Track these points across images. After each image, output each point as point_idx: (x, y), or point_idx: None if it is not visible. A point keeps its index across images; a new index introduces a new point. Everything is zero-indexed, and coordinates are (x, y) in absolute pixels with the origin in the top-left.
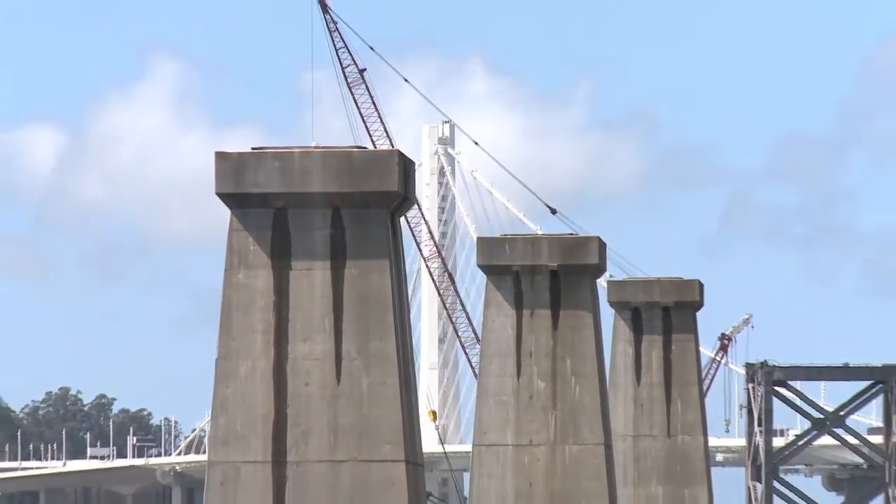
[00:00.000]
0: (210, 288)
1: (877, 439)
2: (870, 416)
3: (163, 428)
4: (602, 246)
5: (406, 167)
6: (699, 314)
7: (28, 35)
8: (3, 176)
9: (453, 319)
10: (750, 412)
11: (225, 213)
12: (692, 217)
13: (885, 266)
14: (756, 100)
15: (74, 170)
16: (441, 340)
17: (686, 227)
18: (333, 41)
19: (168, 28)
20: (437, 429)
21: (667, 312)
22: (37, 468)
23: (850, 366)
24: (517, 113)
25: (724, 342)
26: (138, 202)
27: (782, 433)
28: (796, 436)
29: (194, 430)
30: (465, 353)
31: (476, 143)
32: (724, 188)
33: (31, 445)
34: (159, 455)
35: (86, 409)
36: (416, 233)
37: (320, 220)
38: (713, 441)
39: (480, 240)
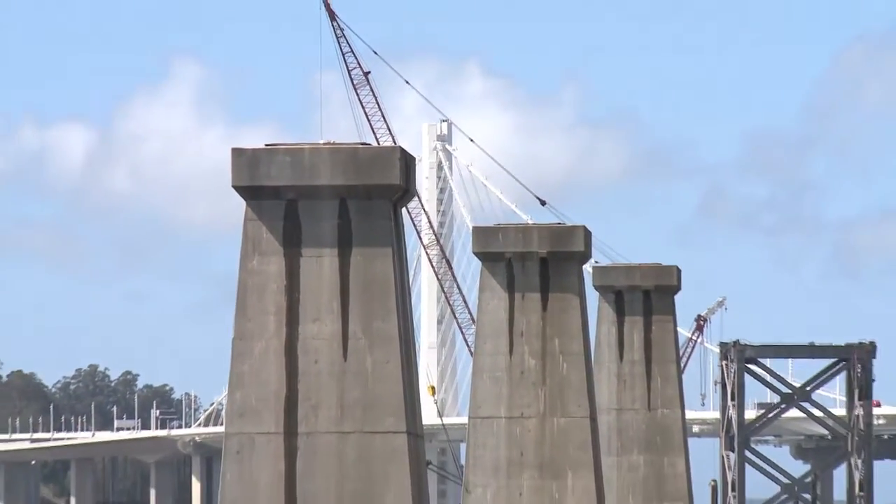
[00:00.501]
0: (227, 273)
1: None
2: (833, 392)
3: (183, 402)
4: (587, 234)
5: (407, 162)
6: (677, 297)
7: (60, 40)
8: (38, 169)
9: (451, 302)
10: (723, 387)
11: (241, 204)
12: (671, 208)
13: (848, 253)
14: (729, 100)
15: (103, 164)
16: (439, 321)
17: (665, 216)
18: (340, 46)
19: (190, 34)
20: (436, 403)
21: (647, 295)
22: (68, 439)
23: (816, 345)
24: (510, 112)
25: (700, 323)
26: (161, 194)
27: (761, 407)
28: (757, 403)
29: (213, 403)
30: (462, 333)
31: (472, 140)
32: (700, 181)
33: (62, 418)
34: (180, 427)
35: (113, 384)
36: (416, 222)
37: (328, 211)
38: (689, 414)
39: (476, 229)
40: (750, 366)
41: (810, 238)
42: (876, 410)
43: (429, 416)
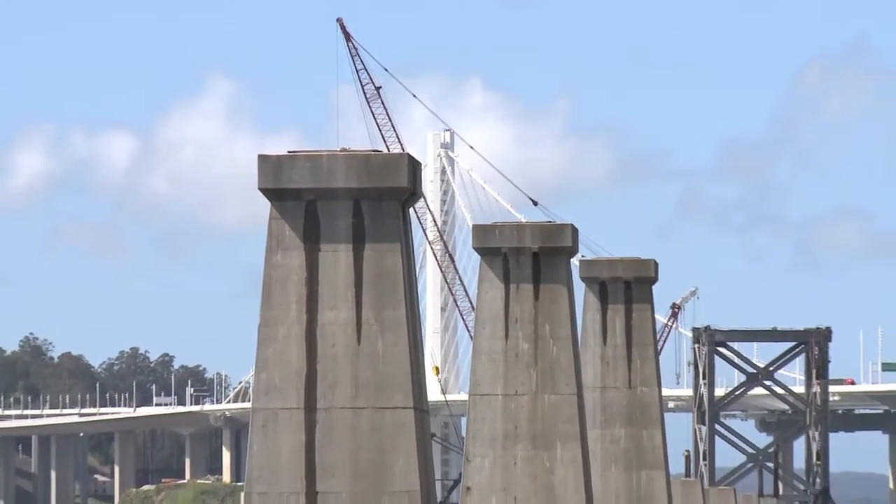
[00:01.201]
0: (254, 266)
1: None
2: (794, 371)
3: (215, 381)
4: (575, 231)
5: (414, 167)
6: (654, 287)
7: (107, 57)
8: (86, 172)
9: (453, 292)
10: (696, 368)
11: (266, 204)
12: (650, 207)
13: (808, 248)
14: (703, 112)
15: (144, 168)
16: (443, 309)
17: (645, 215)
18: (355, 64)
19: (222, 52)
20: (440, 381)
21: (628, 286)
22: (112, 414)
23: (778, 329)
24: (507, 122)
25: (675, 310)
26: (196, 195)
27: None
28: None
29: (241, 382)
30: (463, 319)
31: (472, 148)
32: (677, 184)
33: (107, 395)
34: (212, 403)
35: (152, 365)
36: (422, 221)
37: (344, 211)
38: (666, 391)
39: (475, 226)
40: (719, 348)
41: (775, 234)
42: (832, 388)
43: (433, 393)
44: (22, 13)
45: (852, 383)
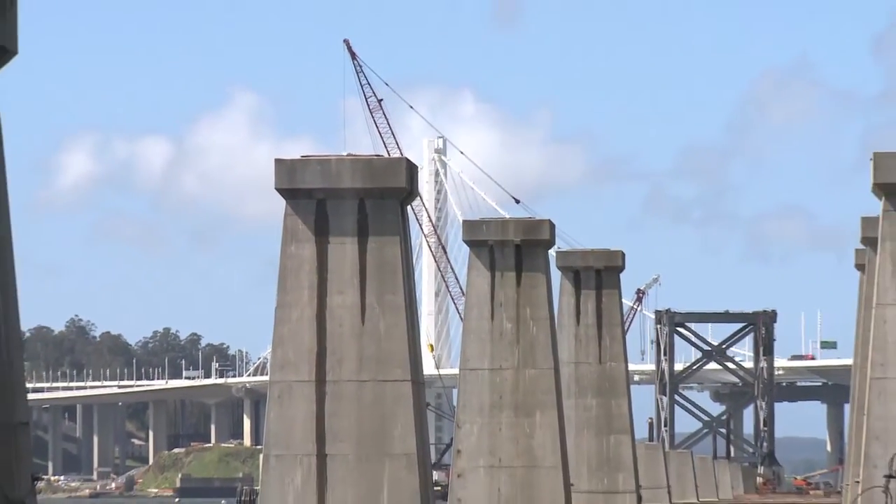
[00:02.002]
0: (271, 256)
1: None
2: (743, 349)
3: (237, 357)
4: (552, 226)
5: (411, 170)
6: (622, 275)
7: (143, 71)
8: (127, 174)
9: (445, 279)
10: (658, 345)
11: (282, 202)
12: (618, 205)
13: (757, 240)
14: (665, 120)
15: (178, 169)
16: (437, 294)
17: (614, 212)
18: (359, 79)
19: (245, 69)
20: (434, 357)
21: (598, 274)
22: (146, 386)
23: (730, 312)
24: (495, 130)
25: (640, 295)
26: (224, 194)
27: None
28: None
29: (260, 358)
30: (454, 303)
31: (462, 153)
32: (642, 184)
33: (142, 369)
34: (235, 376)
35: (182, 343)
36: (418, 217)
37: (350, 208)
38: (631, 366)
39: (465, 222)
40: (678, 328)
41: (728, 228)
42: (795, 363)
43: (428, 367)
44: (73, 36)
45: (812, 359)
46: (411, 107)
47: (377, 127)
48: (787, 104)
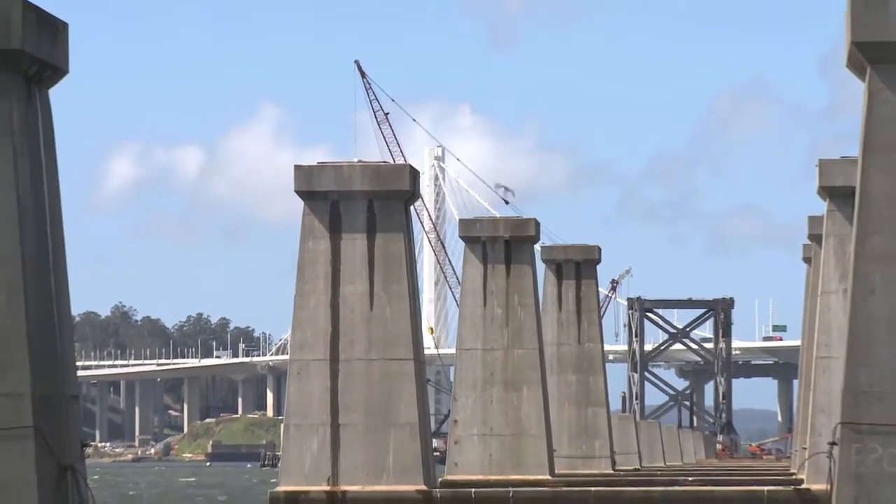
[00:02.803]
0: (292, 250)
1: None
2: (705, 331)
3: (261, 338)
4: (538, 225)
5: (414, 175)
6: (598, 267)
7: (179, 87)
8: (166, 177)
9: (444, 270)
10: (630, 328)
11: (300, 203)
12: (597, 205)
13: (718, 236)
14: (638, 131)
15: (211, 174)
16: (436, 283)
17: (592, 211)
18: (368, 95)
19: (269, 85)
20: (434, 339)
21: (578, 266)
22: (181, 364)
23: (693, 299)
24: (488, 139)
25: (614, 284)
26: (250, 195)
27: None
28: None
29: (281, 339)
30: (451, 291)
31: (458, 160)
32: (618, 187)
33: (178, 349)
34: (259, 355)
35: (213, 326)
36: (420, 216)
37: (360, 208)
38: (607, 347)
39: (461, 220)
40: (648, 313)
41: (692, 226)
42: (767, 344)
43: (428, 348)
44: (118, 56)
45: (780, 340)
46: (414, 119)
47: (384, 137)
48: (744, 117)
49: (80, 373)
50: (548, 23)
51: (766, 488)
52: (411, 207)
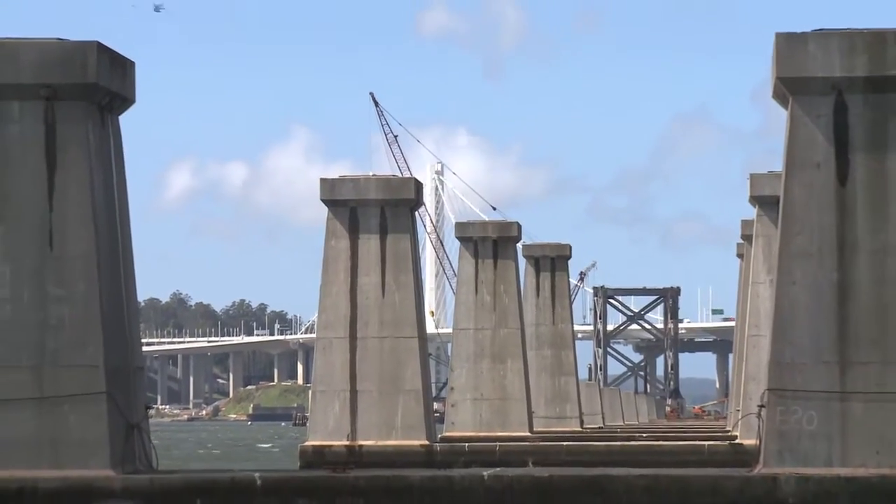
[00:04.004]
0: (319, 248)
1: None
2: (657, 314)
3: (293, 320)
4: (519, 227)
5: (418, 186)
6: (569, 261)
7: (228, 112)
8: (216, 187)
9: (442, 264)
10: (595, 312)
11: (325, 210)
12: (570, 210)
13: (669, 237)
14: (606, 150)
15: (253, 185)
16: (436, 275)
17: (566, 216)
18: (381, 120)
19: (301, 110)
20: (434, 321)
21: (552, 261)
22: (228, 341)
23: (647, 288)
24: (481, 157)
25: (582, 275)
26: (286, 203)
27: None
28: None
29: (310, 320)
30: (449, 282)
31: (455, 174)
32: (588, 196)
33: (225, 329)
34: (291, 334)
35: (253, 310)
36: (423, 220)
37: (374, 213)
38: (576, 327)
39: (457, 223)
40: (609, 299)
41: (648, 229)
42: (723, 324)
43: (430, 328)
44: (177, 84)
45: (733, 321)
46: (418, 141)
47: (394, 155)
48: (691, 139)
49: (144, 348)
50: (531, 61)
51: (706, 443)
52: (416, 213)
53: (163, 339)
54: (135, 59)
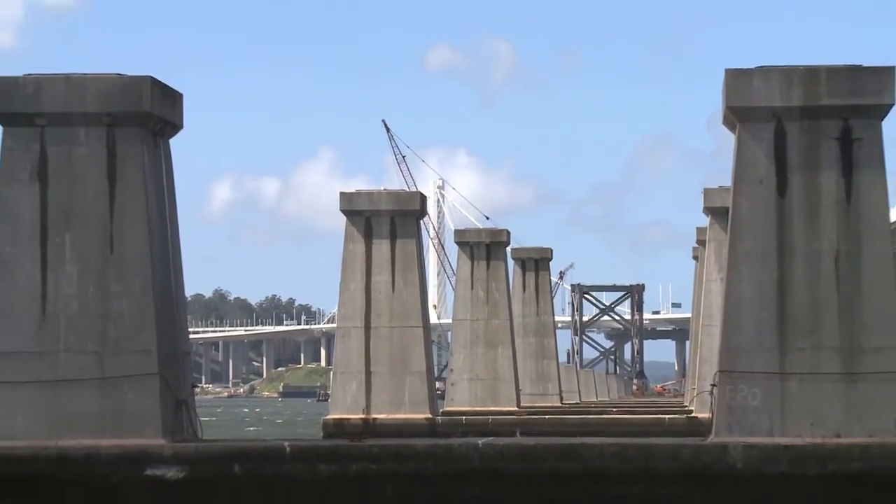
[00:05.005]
0: (339, 251)
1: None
2: (625, 307)
3: (317, 312)
4: (509, 234)
5: (423, 199)
6: (551, 263)
7: (262, 134)
8: (253, 199)
9: (444, 265)
10: (573, 305)
11: (344, 218)
12: (552, 219)
13: (637, 242)
14: (583, 166)
15: (283, 198)
16: (438, 274)
17: (549, 224)
18: (391, 143)
19: (325, 134)
20: (436, 313)
21: (536, 262)
22: (262, 330)
23: (616, 285)
24: (477, 174)
25: (561, 275)
26: (312, 212)
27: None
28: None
29: (331, 312)
30: (449, 280)
31: (454, 189)
32: (568, 206)
33: (259, 320)
34: (316, 324)
35: (283, 303)
36: (427, 227)
37: (385, 221)
38: (556, 318)
39: (456, 230)
40: (585, 295)
41: (619, 235)
42: (652, 316)
43: (433, 319)
44: (219, 109)
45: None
46: (423, 160)
47: (402, 173)
48: (658, 158)
49: (190, 336)
50: (521, 92)
51: (666, 416)
52: (421, 221)
53: (206, 328)
54: (183, 90)
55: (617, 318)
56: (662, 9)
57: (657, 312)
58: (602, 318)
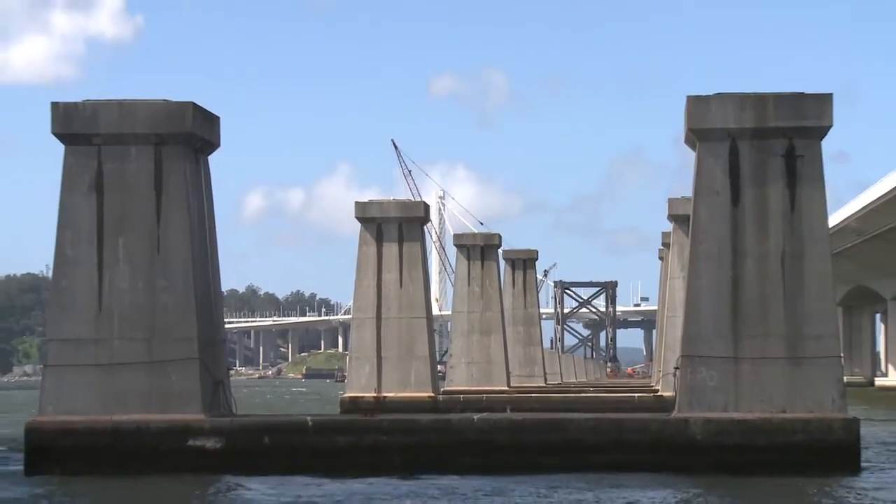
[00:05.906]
0: (355, 252)
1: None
2: (601, 301)
3: (335, 305)
4: (501, 237)
5: (426, 208)
6: (537, 262)
7: (288, 151)
8: (281, 207)
9: (444, 264)
10: (556, 300)
11: (359, 225)
12: (539, 226)
13: (612, 245)
14: (566, 178)
15: (307, 206)
16: (439, 272)
17: (535, 229)
18: (399, 159)
19: (343, 151)
20: (438, 306)
21: (524, 262)
22: (288, 321)
23: (593, 281)
24: (474, 186)
25: (546, 272)
26: (332, 219)
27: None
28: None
29: (348, 305)
30: (449, 277)
31: (454, 199)
32: (553, 214)
33: (286, 312)
34: (334, 315)
35: (306, 297)
36: (430, 232)
37: (394, 227)
38: (541, 310)
39: (455, 235)
40: (566, 290)
41: (595, 238)
42: (623, 308)
43: (435, 311)
44: (252, 127)
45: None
46: (427, 174)
47: (409, 185)
48: (630, 171)
49: (226, 325)
50: (513, 114)
51: (636, 395)
52: (424, 227)
53: (240, 319)
54: (220, 113)
55: (593, 310)
56: (635, 40)
57: (628, 305)
58: (580, 311)
